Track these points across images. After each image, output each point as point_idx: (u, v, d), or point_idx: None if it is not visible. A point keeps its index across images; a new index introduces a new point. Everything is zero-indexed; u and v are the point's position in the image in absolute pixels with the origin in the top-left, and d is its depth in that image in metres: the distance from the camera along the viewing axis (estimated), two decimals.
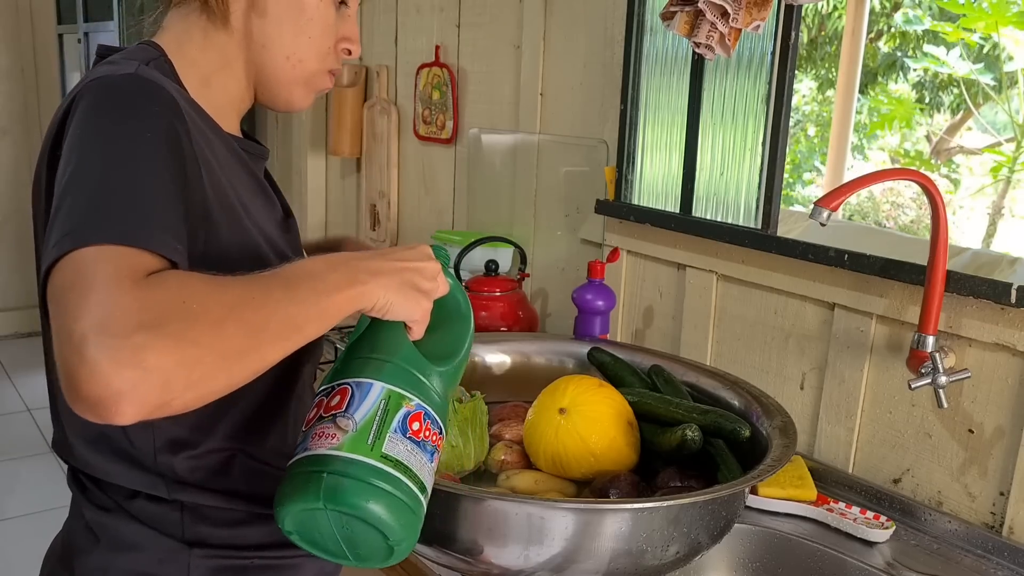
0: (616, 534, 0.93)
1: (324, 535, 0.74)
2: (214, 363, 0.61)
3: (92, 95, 0.74)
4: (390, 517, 0.71)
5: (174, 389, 0.59)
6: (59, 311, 0.61)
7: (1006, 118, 3.14)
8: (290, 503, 0.71)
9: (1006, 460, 1.20)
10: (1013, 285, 1.13)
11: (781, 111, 1.42)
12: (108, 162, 0.69)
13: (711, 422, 1.13)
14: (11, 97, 4.52)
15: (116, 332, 0.58)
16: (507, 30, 2.02)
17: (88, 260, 0.62)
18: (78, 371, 0.57)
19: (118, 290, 0.60)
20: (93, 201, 0.66)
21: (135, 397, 0.58)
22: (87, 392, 0.57)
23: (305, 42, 0.89)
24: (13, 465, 3.20)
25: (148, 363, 0.58)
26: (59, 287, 0.62)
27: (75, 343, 0.58)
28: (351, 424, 0.72)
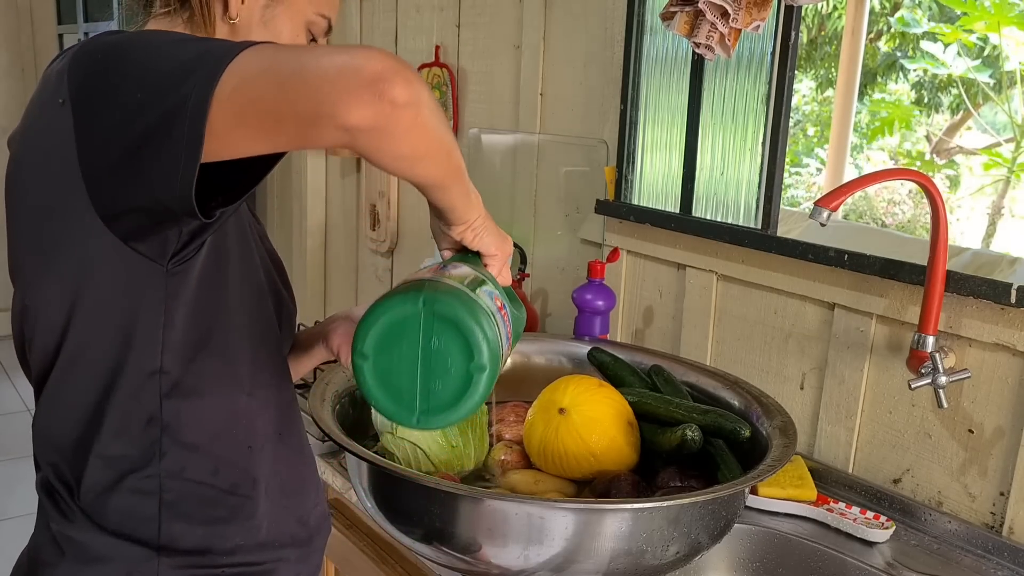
0: (616, 534, 0.93)
1: (403, 359, 0.73)
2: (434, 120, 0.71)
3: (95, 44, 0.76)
4: (481, 331, 0.72)
5: (421, 95, 0.67)
6: (300, 70, 0.65)
7: (1006, 118, 3.14)
8: (388, 311, 0.72)
9: (1006, 460, 1.20)
10: (1013, 285, 1.13)
11: (781, 111, 1.42)
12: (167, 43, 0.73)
13: (711, 422, 1.13)
14: (11, 97, 4.52)
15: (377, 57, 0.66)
16: (507, 30, 2.02)
17: (255, 49, 0.68)
18: (345, 67, 0.64)
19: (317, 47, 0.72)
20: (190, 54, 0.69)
21: (401, 75, 0.66)
22: (365, 73, 0.64)
23: None
24: (13, 465, 3.20)
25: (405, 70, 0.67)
26: (272, 72, 0.66)
27: (327, 61, 0.65)
28: (451, 271, 0.79)
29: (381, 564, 1.30)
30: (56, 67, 0.82)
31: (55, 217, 0.79)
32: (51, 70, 0.84)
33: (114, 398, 0.82)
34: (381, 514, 1.04)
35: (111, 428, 0.83)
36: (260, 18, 0.91)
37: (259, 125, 0.67)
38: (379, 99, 0.64)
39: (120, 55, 0.73)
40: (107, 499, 0.84)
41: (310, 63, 0.65)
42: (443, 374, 0.73)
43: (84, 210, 0.75)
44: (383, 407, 0.75)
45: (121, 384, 0.82)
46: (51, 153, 0.77)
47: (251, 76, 0.66)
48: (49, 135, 0.78)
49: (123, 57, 0.73)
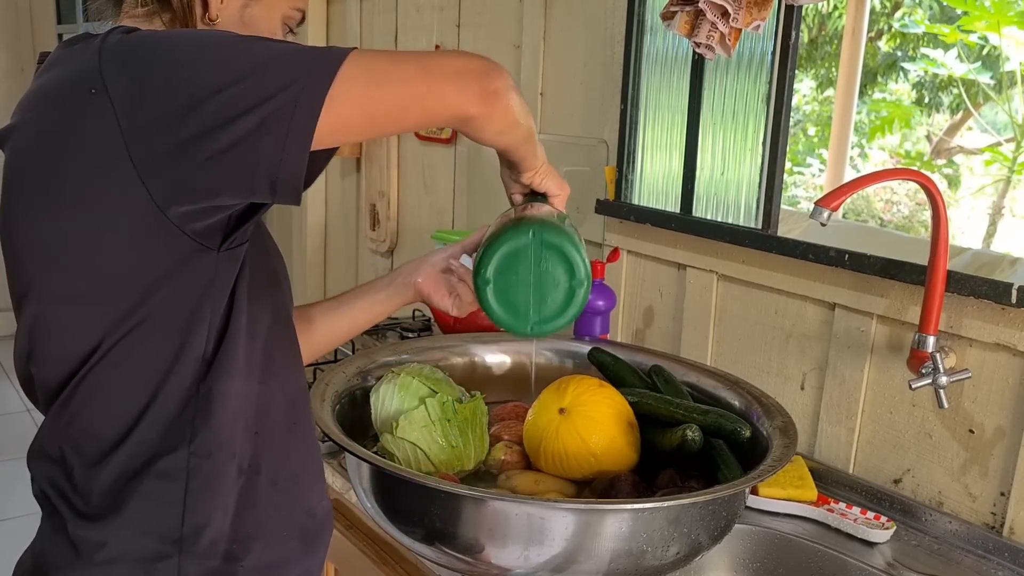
0: (616, 534, 0.93)
1: (519, 280, 0.90)
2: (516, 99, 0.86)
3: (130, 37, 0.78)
4: (579, 253, 0.90)
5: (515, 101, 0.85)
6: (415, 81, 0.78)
7: (1006, 118, 3.14)
8: (505, 243, 0.89)
9: (1007, 460, 1.20)
10: (1013, 285, 1.13)
11: (781, 111, 1.42)
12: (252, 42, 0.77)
13: (711, 422, 1.13)
14: (11, 97, 4.52)
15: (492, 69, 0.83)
16: (507, 30, 2.02)
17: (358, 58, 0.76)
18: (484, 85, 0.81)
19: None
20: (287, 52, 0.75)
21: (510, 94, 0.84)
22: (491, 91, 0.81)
23: None
24: (13, 465, 3.20)
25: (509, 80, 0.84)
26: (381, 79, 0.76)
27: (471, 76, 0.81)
28: (536, 210, 0.95)
29: (381, 564, 1.30)
30: (70, 52, 0.81)
31: (85, 209, 0.77)
32: (59, 56, 0.83)
33: (165, 389, 0.82)
34: (381, 514, 1.04)
35: (153, 418, 0.83)
36: (240, 18, 0.92)
37: (385, 119, 0.79)
38: (489, 96, 0.81)
39: (176, 49, 0.75)
40: (131, 489, 0.83)
41: (432, 67, 0.79)
42: (552, 289, 0.91)
43: (129, 199, 0.75)
44: (503, 320, 0.92)
45: (173, 375, 0.82)
46: (79, 144, 0.76)
47: (373, 80, 0.76)
48: (75, 126, 0.76)
49: (184, 51, 0.75)
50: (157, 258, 0.78)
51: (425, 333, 1.93)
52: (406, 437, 1.11)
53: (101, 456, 0.83)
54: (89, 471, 0.84)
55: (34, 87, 0.84)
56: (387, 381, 1.18)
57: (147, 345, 0.81)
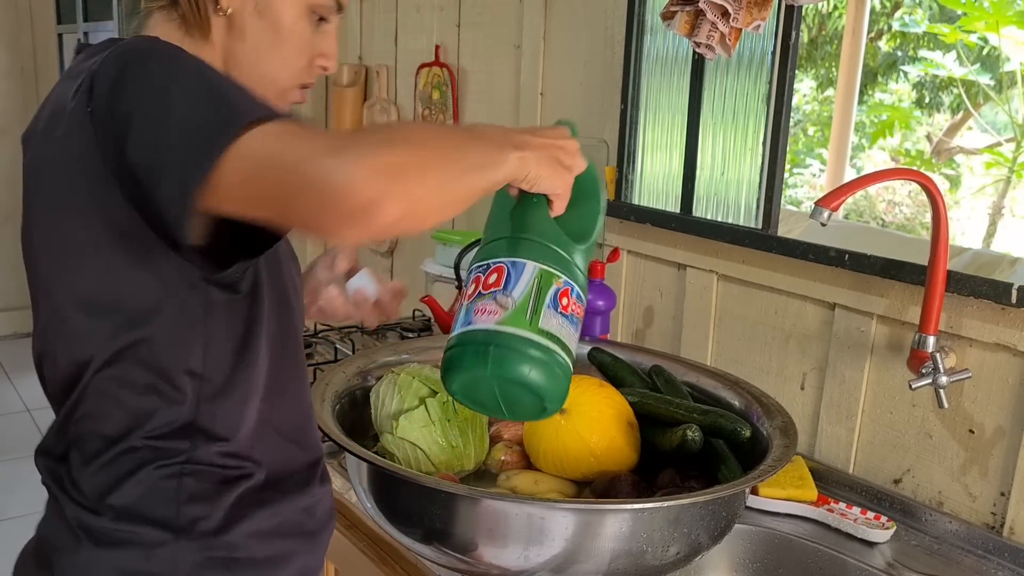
0: (616, 534, 0.93)
1: (486, 396, 0.84)
2: (434, 174, 0.69)
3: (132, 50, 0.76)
4: (546, 383, 0.81)
5: (416, 192, 0.67)
6: (283, 171, 0.67)
7: (1006, 118, 3.14)
8: (461, 372, 0.82)
9: (1007, 460, 1.20)
10: (1014, 285, 1.13)
11: (781, 111, 1.42)
12: (194, 76, 0.74)
13: (711, 422, 1.13)
14: (11, 97, 4.52)
15: (347, 152, 0.66)
16: (507, 30, 2.02)
17: (266, 133, 0.68)
18: (335, 192, 0.64)
19: (325, 137, 0.68)
20: (209, 104, 0.71)
21: (393, 195, 0.65)
22: (351, 204, 0.64)
23: (279, 62, 0.91)
24: (13, 465, 3.20)
25: (391, 167, 0.66)
26: (260, 161, 0.67)
27: (319, 173, 0.65)
28: (510, 302, 0.81)
29: (381, 564, 1.30)
30: (86, 66, 0.81)
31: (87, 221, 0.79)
32: (79, 68, 0.83)
33: (167, 397, 0.83)
34: (381, 514, 1.04)
35: (154, 425, 0.84)
36: (254, 8, 0.88)
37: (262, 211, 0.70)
38: (369, 225, 0.66)
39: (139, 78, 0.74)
40: (129, 484, 0.84)
41: (308, 169, 0.66)
42: (520, 405, 0.84)
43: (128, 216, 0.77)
44: (481, 411, 0.89)
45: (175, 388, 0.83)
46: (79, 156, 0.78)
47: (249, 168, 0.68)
48: (75, 140, 0.79)
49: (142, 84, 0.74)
50: (157, 274, 0.80)
51: (425, 333, 1.93)
52: (406, 437, 1.11)
53: (100, 453, 0.84)
54: (87, 467, 0.85)
55: (53, 94, 0.86)
56: (387, 381, 1.18)
57: (149, 357, 0.83)
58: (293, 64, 0.91)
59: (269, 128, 0.69)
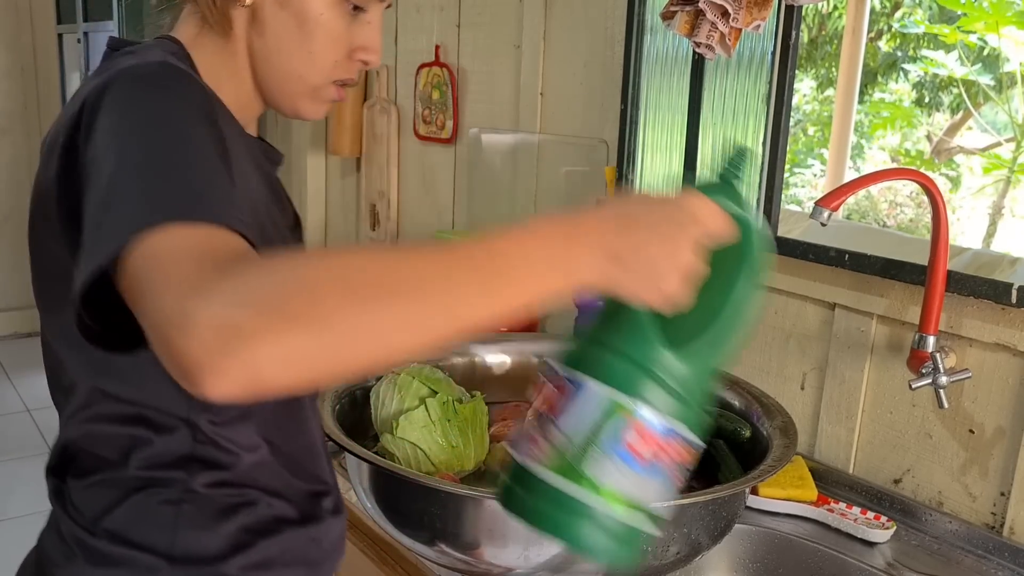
0: None
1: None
2: (324, 352, 0.52)
3: (121, 83, 0.70)
4: (598, 549, 0.63)
5: (272, 374, 0.51)
6: (147, 294, 0.55)
7: (1006, 118, 3.14)
8: (507, 508, 0.65)
9: (1007, 460, 1.20)
10: (1014, 285, 1.13)
11: (781, 111, 1.42)
12: (155, 141, 0.65)
13: (711, 422, 1.13)
14: (11, 97, 4.52)
15: (212, 316, 0.50)
16: (507, 30, 2.02)
17: (165, 242, 0.56)
18: (179, 350, 0.51)
19: (206, 270, 0.54)
20: (148, 182, 0.61)
21: (232, 377, 0.50)
22: (187, 368, 0.51)
23: (306, 56, 0.84)
24: (13, 465, 3.20)
25: (245, 346, 0.50)
26: (139, 273, 0.56)
27: (171, 324, 0.52)
28: (559, 439, 0.62)
29: (381, 564, 1.30)
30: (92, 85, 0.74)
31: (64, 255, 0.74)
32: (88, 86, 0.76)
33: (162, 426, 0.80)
34: (381, 514, 1.04)
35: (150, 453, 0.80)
36: (277, 2, 0.81)
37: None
38: (238, 363, 0.50)
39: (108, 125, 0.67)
40: (123, 507, 0.81)
41: (153, 302, 0.54)
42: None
43: None
44: None
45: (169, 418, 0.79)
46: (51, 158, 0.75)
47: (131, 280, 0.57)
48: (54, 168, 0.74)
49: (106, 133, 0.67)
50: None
51: None
52: (406, 437, 1.11)
53: (94, 473, 0.82)
54: (83, 486, 0.82)
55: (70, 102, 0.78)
56: (387, 381, 1.18)
57: (136, 394, 0.78)
58: (323, 59, 0.84)
59: (187, 235, 0.57)
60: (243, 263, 0.55)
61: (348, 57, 0.86)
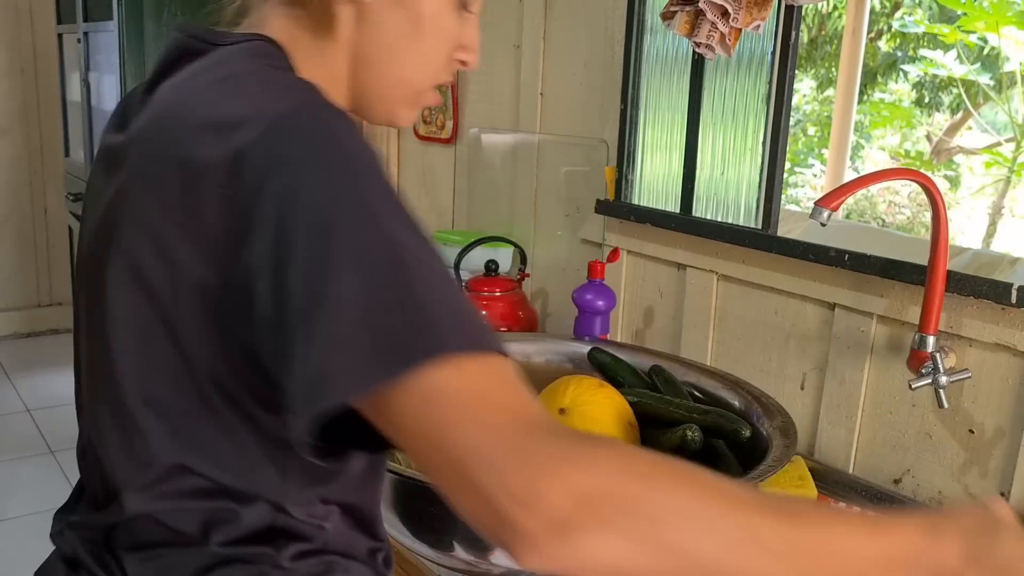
0: None
1: None
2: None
3: (319, 146, 0.59)
4: None
5: (585, 569, 0.50)
6: (462, 443, 0.52)
7: (1006, 118, 3.14)
8: None
9: (1006, 460, 1.20)
10: (1014, 285, 1.13)
11: (781, 111, 1.42)
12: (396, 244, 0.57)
13: (711, 422, 1.13)
14: (11, 97, 4.52)
15: (560, 505, 0.49)
16: (507, 30, 2.02)
17: (464, 377, 0.53)
18: (513, 521, 0.49)
19: (541, 439, 0.51)
20: (405, 304, 0.55)
21: (553, 560, 0.50)
22: (511, 535, 0.50)
23: (418, 58, 0.76)
24: (13, 465, 3.20)
25: (580, 543, 0.49)
26: (436, 408, 0.53)
27: (514, 496, 0.49)
28: None
29: None
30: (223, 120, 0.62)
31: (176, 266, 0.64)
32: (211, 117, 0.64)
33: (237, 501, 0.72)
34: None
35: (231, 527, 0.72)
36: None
37: (414, 458, 0.56)
38: (565, 554, 0.49)
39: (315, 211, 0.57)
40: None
41: (481, 464, 0.51)
42: None
43: None
44: None
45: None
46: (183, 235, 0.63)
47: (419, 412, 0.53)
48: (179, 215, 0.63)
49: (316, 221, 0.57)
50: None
51: None
52: None
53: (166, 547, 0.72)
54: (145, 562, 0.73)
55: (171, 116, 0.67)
56: None
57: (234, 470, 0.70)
58: (433, 61, 0.78)
59: (472, 369, 0.54)
60: (586, 446, 0.52)
61: (449, 58, 0.80)
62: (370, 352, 0.54)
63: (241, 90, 0.66)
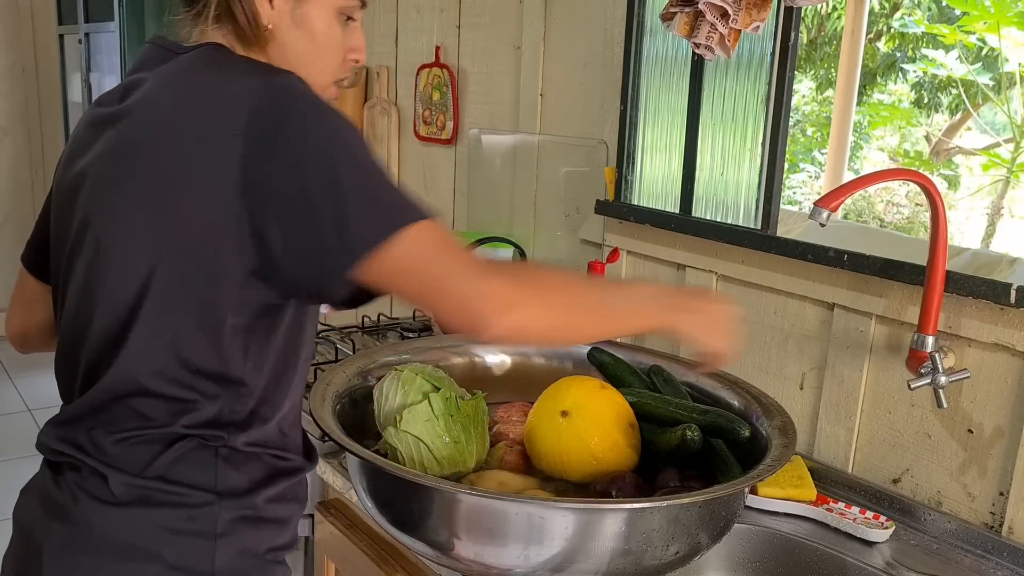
0: (616, 534, 0.93)
1: None
2: (562, 321, 0.91)
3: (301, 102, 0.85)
4: None
5: (525, 331, 0.88)
6: (435, 268, 0.83)
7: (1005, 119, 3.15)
8: None
9: (1005, 460, 1.20)
10: (1012, 285, 1.13)
11: (781, 111, 1.42)
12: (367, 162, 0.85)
13: (711, 422, 1.13)
14: (11, 97, 4.52)
15: (501, 292, 0.84)
16: (507, 30, 2.02)
17: (425, 233, 0.83)
18: (474, 309, 0.83)
19: (479, 261, 0.86)
20: (385, 193, 0.84)
21: (505, 327, 0.84)
22: (476, 319, 0.83)
23: (319, 66, 0.98)
24: (13, 465, 3.20)
25: (517, 312, 0.85)
26: (417, 252, 0.83)
27: (473, 292, 0.83)
28: None
29: (381, 564, 1.30)
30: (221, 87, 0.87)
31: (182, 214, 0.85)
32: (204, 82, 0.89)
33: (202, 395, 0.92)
34: (381, 514, 1.04)
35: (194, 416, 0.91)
36: (291, 21, 0.95)
37: (408, 296, 0.87)
38: (509, 321, 0.84)
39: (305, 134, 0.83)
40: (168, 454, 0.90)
41: (456, 287, 0.84)
42: None
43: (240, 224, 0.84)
44: None
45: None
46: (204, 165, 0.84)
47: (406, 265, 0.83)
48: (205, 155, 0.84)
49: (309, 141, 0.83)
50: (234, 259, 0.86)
51: (425, 333, 1.93)
52: (409, 430, 1.11)
53: (140, 430, 0.90)
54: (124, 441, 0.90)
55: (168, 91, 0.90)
56: (390, 377, 1.18)
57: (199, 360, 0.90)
58: (329, 65, 0.99)
59: (425, 229, 0.83)
60: (501, 262, 0.89)
61: (343, 60, 1.01)
62: (375, 222, 0.83)
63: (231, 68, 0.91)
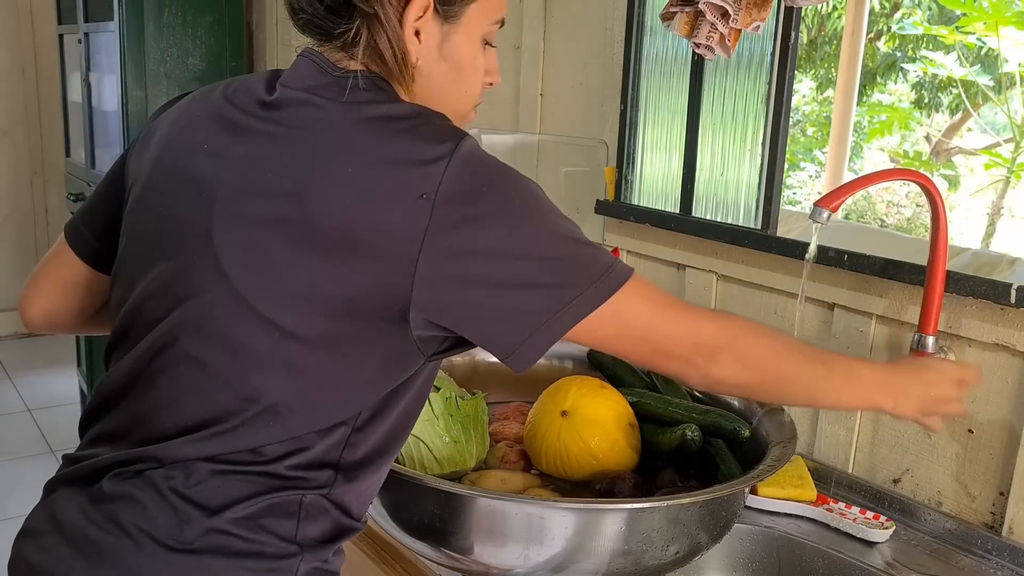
0: (616, 534, 0.93)
1: None
2: (764, 385, 0.94)
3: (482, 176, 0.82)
4: None
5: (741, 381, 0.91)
6: (655, 325, 0.86)
7: (1005, 119, 3.15)
8: None
9: (1006, 460, 1.20)
10: (1013, 285, 1.13)
11: (781, 111, 1.42)
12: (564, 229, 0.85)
13: (711, 422, 1.13)
14: (11, 97, 4.52)
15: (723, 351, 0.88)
16: (507, 30, 2.02)
17: (629, 296, 0.83)
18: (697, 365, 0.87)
19: (670, 301, 0.88)
20: (579, 257, 0.83)
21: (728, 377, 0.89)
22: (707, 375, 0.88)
23: (463, 94, 0.96)
24: (13, 465, 3.20)
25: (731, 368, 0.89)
26: (630, 320, 0.85)
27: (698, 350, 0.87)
28: None
29: (381, 564, 1.30)
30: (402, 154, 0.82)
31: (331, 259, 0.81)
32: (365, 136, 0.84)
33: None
34: (381, 513, 1.04)
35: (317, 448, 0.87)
36: (438, 55, 0.91)
37: (625, 348, 0.88)
38: (720, 366, 0.87)
39: (509, 204, 0.82)
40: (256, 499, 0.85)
41: (679, 345, 0.87)
42: None
43: (386, 284, 0.80)
44: None
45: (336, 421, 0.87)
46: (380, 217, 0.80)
47: (623, 322, 0.84)
48: (387, 211, 0.80)
49: (516, 211, 0.82)
50: (372, 328, 0.83)
51: None
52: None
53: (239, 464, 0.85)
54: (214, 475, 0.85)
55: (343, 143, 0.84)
56: None
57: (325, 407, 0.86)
58: (472, 92, 0.97)
59: (634, 289, 0.83)
60: (718, 314, 0.99)
61: (482, 84, 0.98)
62: (585, 288, 0.82)
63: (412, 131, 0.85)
